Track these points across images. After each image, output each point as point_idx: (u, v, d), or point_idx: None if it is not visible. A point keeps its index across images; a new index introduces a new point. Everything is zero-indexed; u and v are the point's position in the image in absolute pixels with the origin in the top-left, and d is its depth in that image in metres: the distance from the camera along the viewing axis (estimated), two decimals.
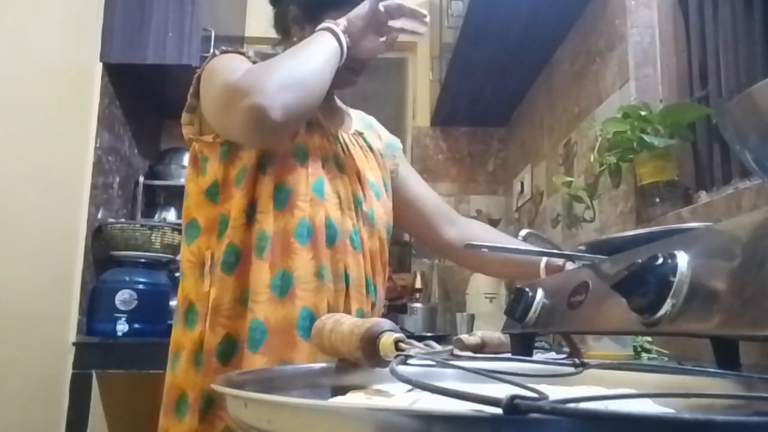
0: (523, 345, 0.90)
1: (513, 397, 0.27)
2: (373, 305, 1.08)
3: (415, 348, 0.51)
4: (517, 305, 0.85)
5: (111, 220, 2.36)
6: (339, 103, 1.22)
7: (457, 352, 0.53)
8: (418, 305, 2.58)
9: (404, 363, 0.47)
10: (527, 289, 0.85)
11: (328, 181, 1.03)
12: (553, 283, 0.86)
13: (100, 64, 2.31)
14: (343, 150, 1.09)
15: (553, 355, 1.15)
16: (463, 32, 2.23)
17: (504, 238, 1.27)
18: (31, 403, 1.89)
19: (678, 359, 1.01)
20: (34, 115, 1.89)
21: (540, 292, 0.84)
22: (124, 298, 2.14)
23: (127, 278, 2.19)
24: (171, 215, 2.72)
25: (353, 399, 0.51)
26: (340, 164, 1.07)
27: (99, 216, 2.31)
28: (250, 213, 0.99)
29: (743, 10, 1.33)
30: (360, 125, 1.22)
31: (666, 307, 0.51)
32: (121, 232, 2.27)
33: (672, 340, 1.11)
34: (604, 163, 1.47)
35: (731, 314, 0.45)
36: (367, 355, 0.55)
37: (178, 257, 2.60)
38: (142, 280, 2.20)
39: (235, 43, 2.99)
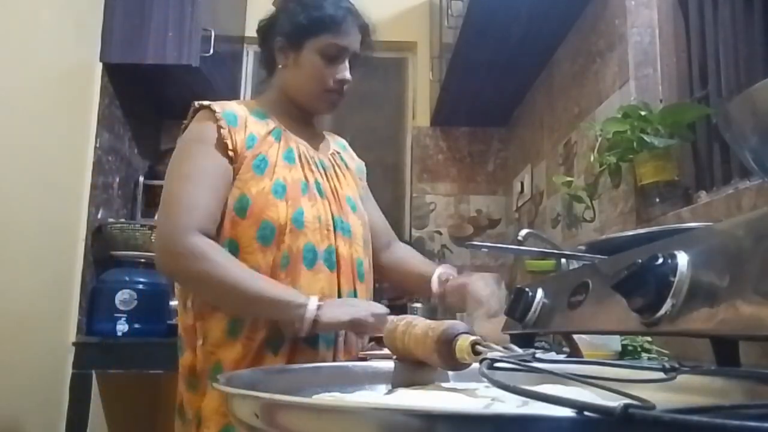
0: (522, 345, 0.90)
1: (627, 406, 0.25)
2: None
3: (495, 350, 0.50)
4: (517, 305, 0.85)
5: (111, 220, 2.36)
6: (317, 127, 1.33)
7: (539, 354, 0.53)
8: (418, 305, 2.58)
9: (492, 367, 0.45)
10: (527, 289, 0.85)
11: (307, 209, 1.12)
12: (553, 283, 0.86)
13: (100, 64, 2.31)
14: (323, 174, 1.20)
15: (553, 355, 1.15)
16: (463, 32, 2.23)
17: (420, 258, 1.39)
18: (31, 403, 1.89)
19: (678, 359, 1.01)
20: (34, 115, 1.89)
21: (540, 292, 0.84)
22: (124, 298, 2.14)
23: (127, 278, 2.19)
24: None
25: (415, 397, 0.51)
26: (320, 189, 1.17)
27: (99, 216, 2.31)
28: (231, 252, 1.08)
29: (743, 10, 1.33)
30: (336, 146, 1.34)
31: (666, 307, 0.51)
32: (121, 232, 2.27)
33: (672, 340, 1.11)
34: (604, 163, 1.47)
35: (731, 314, 0.45)
36: (443, 357, 0.55)
37: None
38: (142, 280, 2.20)
39: (235, 43, 2.99)
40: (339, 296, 1.13)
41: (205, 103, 1.16)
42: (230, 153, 1.11)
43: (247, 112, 1.17)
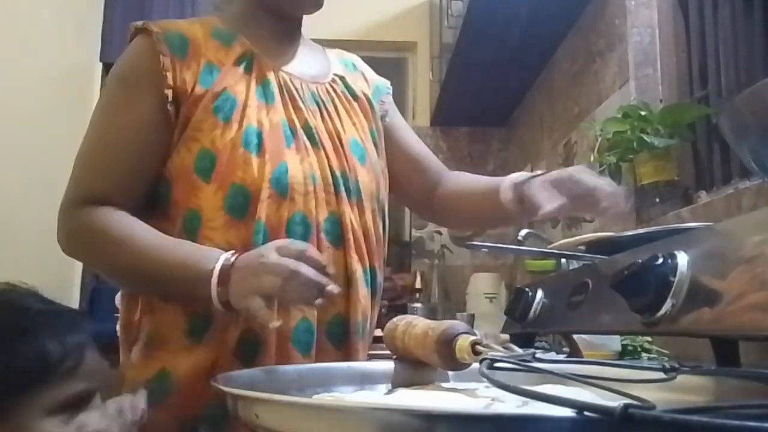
0: (522, 345, 0.90)
1: (627, 406, 0.25)
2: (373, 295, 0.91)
3: (495, 350, 0.50)
4: (517, 305, 0.85)
5: None
6: (310, 43, 1.00)
7: (539, 354, 0.52)
8: (418, 305, 2.58)
9: (492, 367, 0.44)
10: (527, 289, 0.85)
11: (294, 165, 0.82)
12: (553, 283, 0.86)
13: (100, 64, 2.31)
14: (317, 111, 0.89)
15: (553, 355, 1.15)
16: (463, 32, 2.23)
17: (478, 177, 1.06)
18: None
19: (678, 359, 1.01)
20: (35, 115, 1.89)
21: (540, 292, 0.84)
22: None
23: None
24: None
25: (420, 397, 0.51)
26: (312, 136, 0.86)
27: None
28: (191, 228, 0.80)
29: (743, 10, 1.33)
30: (339, 67, 1.00)
31: (666, 307, 0.51)
32: None
33: (672, 340, 1.11)
34: (604, 163, 1.47)
35: (731, 314, 0.45)
36: (443, 357, 0.55)
37: None
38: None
39: None
40: (348, 281, 0.84)
41: (143, 23, 0.87)
42: (168, 92, 0.81)
43: (204, 34, 0.87)
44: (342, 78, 0.97)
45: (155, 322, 0.82)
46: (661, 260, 0.52)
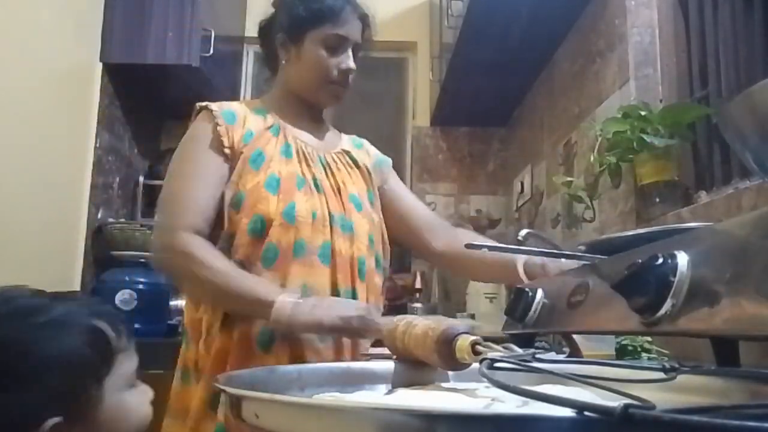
0: (522, 345, 0.90)
1: (627, 406, 0.25)
2: None
3: (495, 351, 0.50)
4: (517, 305, 0.85)
5: (111, 220, 2.36)
6: (329, 125, 1.31)
7: (539, 354, 0.52)
8: (418, 305, 2.58)
9: (492, 367, 0.45)
10: (527, 289, 0.85)
11: (301, 203, 1.10)
12: (553, 283, 0.86)
13: (100, 64, 2.31)
14: (324, 170, 1.18)
15: (553, 355, 1.15)
16: (463, 32, 2.23)
17: (490, 243, 1.27)
18: None
19: (678, 359, 1.01)
20: (34, 115, 1.89)
21: (540, 292, 0.84)
22: (124, 298, 2.14)
23: (127, 278, 2.19)
24: None
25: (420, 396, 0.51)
26: (317, 185, 1.15)
27: (99, 216, 2.31)
28: (227, 245, 1.09)
29: (743, 10, 1.33)
30: (348, 145, 1.31)
31: (666, 307, 0.51)
32: (121, 232, 2.27)
33: (672, 340, 1.11)
34: (604, 163, 1.47)
35: (731, 314, 0.45)
36: (443, 357, 0.55)
37: None
38: (142, 280, 2.20)
39: (235, 43, 2.99)
40: (336, 294, 1.10)
41: (205, 104, 1.18)
42: (226, 150, 1.12)
43: (247, 110, 1.19)
44: (348, 152, 1.27)
45: (214, 321, 1.07)
46: (661, 260, 0.52)
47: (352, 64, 1.18)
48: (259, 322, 1.03)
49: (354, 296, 1.13)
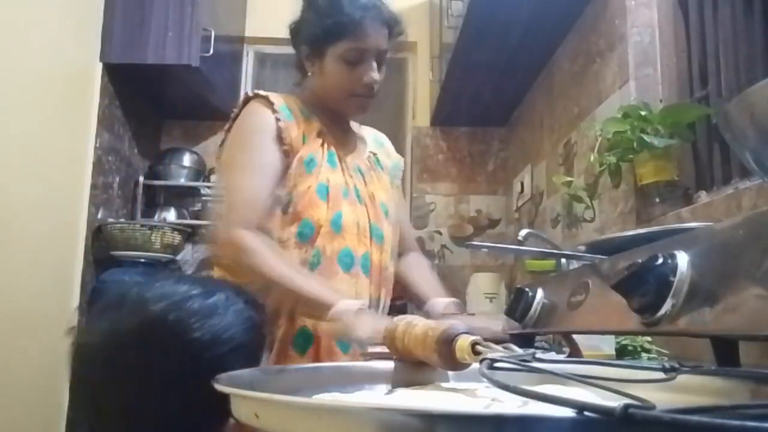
0: (522, 345, 0.90)
1: (627, 406, 0.25)
2: None
3: (495, 351, 0.50)
4: (517, 305, 0.85)
5: (111, 220, 2.36)
6: (353, 127, 1.32)
7: (539, 354, 0.52)
8: None
9: (492, 367, 0.45)
10: (527, 289, 0.85)
11: (347, 213, 1.13)
12: (553, 283, 0.86)
13: (100, 64, 2.31)
14: (361, 179, 1.21)
15: (553, 355, 1.15)
16: (463, 32, 2.23)
17: (427, 273, 1.37)
18: (30, 403, 1.89)
19: (678, 359, 1.01)
20: (34, 115, 1.89)
21: (540, 292, 0.84)
22: None
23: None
24: (171, 215, 2.71)
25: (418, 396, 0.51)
26: (359, 195, 1.18)
27: (99, 216, 2.31)
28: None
29: (743, 10, 1.33)
30: (373, 145, 1.33)
31: (666, 307, 0.51)
32: (121, 232, 2.27)
33: (672, 340, 1.11)
34: (604, 163, 1.47)
35: (731, 314, 0.45)
36: (443, 357, 0.55)
37: (178, 257, 2.60)
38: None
39: (235, 42, 2.99)
40: (376, 304, 1.15)
41: (261, 93, 1.16)
42: (285, 147, 1.12)
43: (295, 109, 1.19)
44: (375, 154, 1.30)
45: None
46: (661, 260, 0.52)
47: (375, 75, 1.18)
48: (300, 324, 1.07)
49: (377, 304, 1.18)
